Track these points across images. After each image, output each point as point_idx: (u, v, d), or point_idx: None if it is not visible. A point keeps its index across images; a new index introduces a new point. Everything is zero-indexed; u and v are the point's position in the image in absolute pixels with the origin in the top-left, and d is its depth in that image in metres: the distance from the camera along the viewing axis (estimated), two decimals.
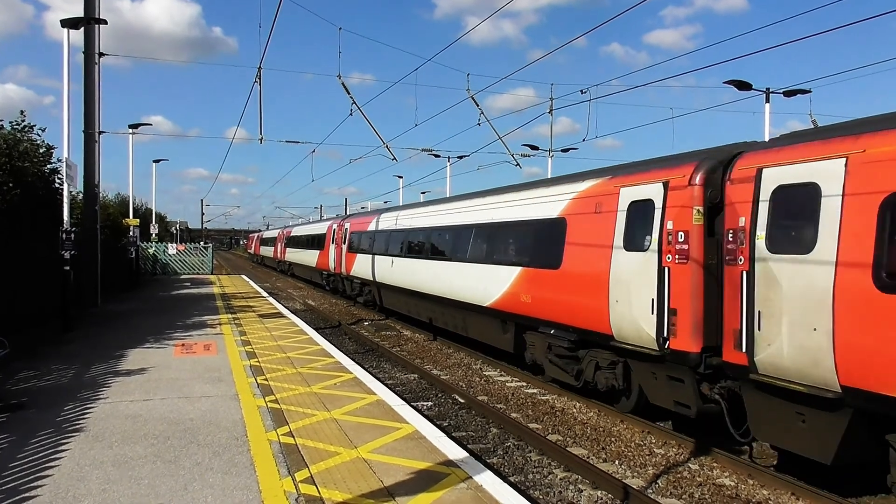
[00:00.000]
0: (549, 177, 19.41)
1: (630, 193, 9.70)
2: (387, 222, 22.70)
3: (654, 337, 8.83)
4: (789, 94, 20.32)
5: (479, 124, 25.75)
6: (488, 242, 14.70)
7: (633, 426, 9.88)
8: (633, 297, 9.31)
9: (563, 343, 11.07)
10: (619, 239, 9.77)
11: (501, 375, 13.73)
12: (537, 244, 12.30)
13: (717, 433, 8.76)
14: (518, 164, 30.06)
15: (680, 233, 8.59)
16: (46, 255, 16.36)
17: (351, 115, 23.39)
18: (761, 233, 7.48)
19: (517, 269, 12.81)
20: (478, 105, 24.95)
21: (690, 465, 8.33)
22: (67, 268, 15.62)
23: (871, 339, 6.27)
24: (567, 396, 11.69)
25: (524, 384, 12.86)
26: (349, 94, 22.77)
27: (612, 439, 9.39)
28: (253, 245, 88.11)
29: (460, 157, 35.64)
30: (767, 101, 20.95)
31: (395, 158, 25.29)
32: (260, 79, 21.23)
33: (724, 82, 20.09)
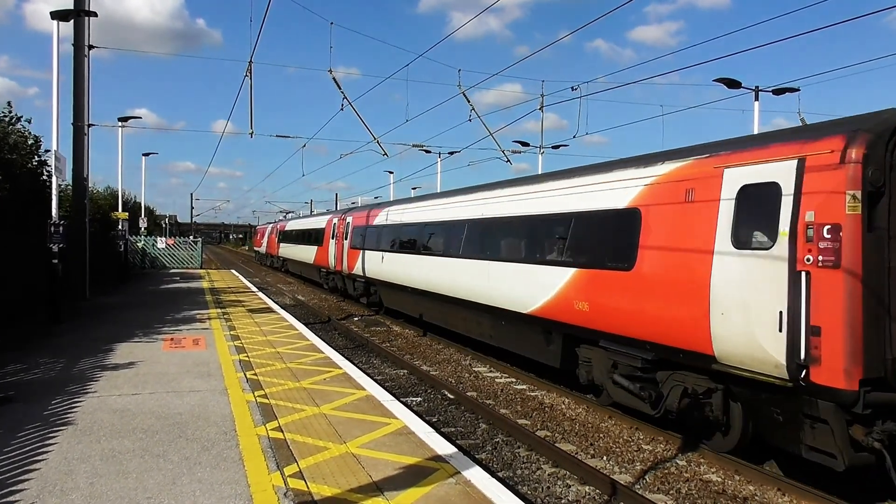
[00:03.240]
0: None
1: (740, 176, 7.45)
2: None
3: (784, 363, 6.63)
4: (778, 92, 20.42)
5: (469, 120, 25.78)
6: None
7: (622, 422, 9.94)
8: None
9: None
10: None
11: (491, 371, 13.76)
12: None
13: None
14: (509, 161, 30.13)
15: (826, 227, 6.36)
16: (35, 248, 16.24)
17: (342, 109, 23.34)
18: None
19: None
20: (469, 101, 24.90)
21: (678, 461, 8.39)
22: (56, 261, 15.53)
23: None
24: (556, 393, 11.74)
25: (513, 380, 12.90)
26: (340, 89, 22.73)
27: (601, 435, 9.45)
28: (265, 241, 57.87)
29: (451, 153, 35.59)
30: (757, 98, 21.03)
31: (385, 154, 25.27)
32: (251, 73, 21.16)
33: (714, 80, 20.15)
